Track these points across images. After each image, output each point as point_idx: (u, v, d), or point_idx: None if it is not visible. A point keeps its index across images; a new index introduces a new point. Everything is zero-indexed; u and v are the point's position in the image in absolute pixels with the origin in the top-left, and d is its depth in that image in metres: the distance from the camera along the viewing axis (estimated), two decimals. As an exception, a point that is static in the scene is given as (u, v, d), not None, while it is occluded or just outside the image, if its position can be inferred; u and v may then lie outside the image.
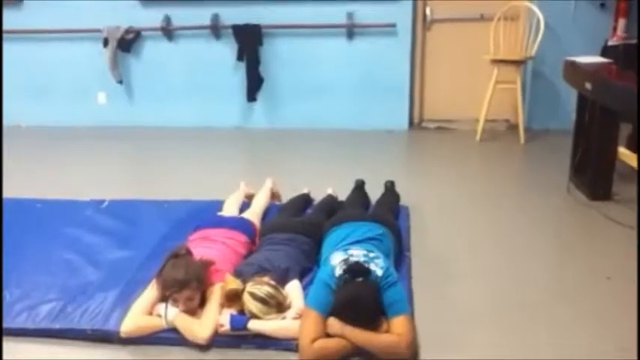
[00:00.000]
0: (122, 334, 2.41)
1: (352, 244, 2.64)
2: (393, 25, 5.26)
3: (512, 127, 5.33)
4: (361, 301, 2.29)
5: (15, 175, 4.38)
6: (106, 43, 5.49)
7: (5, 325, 2.48)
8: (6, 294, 2.71)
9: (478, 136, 5.10)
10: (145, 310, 2.48)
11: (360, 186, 3.66)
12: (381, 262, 2.49)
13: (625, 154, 3.73)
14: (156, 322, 2.44)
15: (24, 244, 3.19)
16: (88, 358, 2.38)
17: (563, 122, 4.91)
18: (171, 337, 2.41)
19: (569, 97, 4.38)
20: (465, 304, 2.69)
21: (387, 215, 3.12)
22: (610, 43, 4.87)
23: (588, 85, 3.62)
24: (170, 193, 3.91)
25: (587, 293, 2.75)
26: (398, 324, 2.28)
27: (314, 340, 2.26)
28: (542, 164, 4.57)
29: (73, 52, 5.70)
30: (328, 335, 2.29)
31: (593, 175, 3.75)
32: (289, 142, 5.28)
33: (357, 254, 2.52)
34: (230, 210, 3.43)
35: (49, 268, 2.96)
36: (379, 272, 2.41)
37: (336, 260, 2.50)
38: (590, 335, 2.44)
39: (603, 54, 4.67)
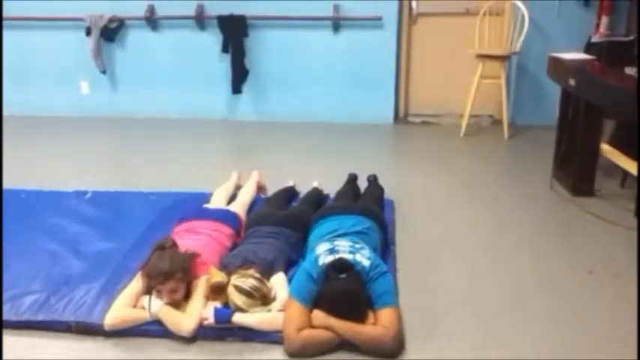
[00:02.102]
0: (106, 327, 2.39)
1: (339, 236, 2.65)
2: (379, 19, 5.26)
3: (497, 123, 5.37)
4: (346, 298, 2.30)
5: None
6: (88, 31, 5.42)
7: (-13, 316, 2.46)
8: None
9: (462, 131, 5.13)
10: (129, 302, 2.46)
11: (352, 179, 3.67)
12: (367, 252, 2.50)
13: (608, 151, 3.78)
14: (140, 315, 2.42)
15: (8, 234, 3.14)
16: (72, 350, 2.36)
17: (547, 118, 4.95)
18: (155, 329, 2.40)
19: (554, 92, 4.41)
20: (450, 296, 2.71)
21: (374, 209, 3.13)
22: (593, 39, 4.92)
23: (572, 81, 3.66)
24: (155, 184, 3.88)
25: (568, 287, 2.79)
26: (385, 316, 2.30)
27: (299, 329, 2.27)
28: (525, 159, 4.61)
29: (55, 40, 5.62)
30: (313, 327, 2.30)
31: (576, 170, 3.79)
32: (275, 134, 5.26)
33: (344, 245, 2.53)
34: (218, 201, 3.41)
35: (32, 258, 2.93)
36: (366, 263, 2.42)
37: (321, 250, 2.51)
38: (571, 328, 2.47)
39: (586, 50, 4.72)
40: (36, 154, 4.76)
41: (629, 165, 3.56)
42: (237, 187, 3.67)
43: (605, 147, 3.80)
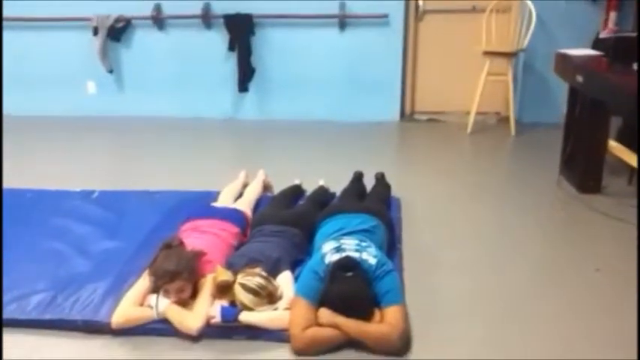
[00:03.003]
0: (113, 325, 2.40)
1: (345, 235, 2.65)
2: (385, 16, 5.25)
3: (503, 120, 5.35)
4: (353, 298, 2.30)
5: (4, 165, 4.33)
6: (95, 31, 5.44)
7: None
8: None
9: (469, 129, 5.11)
10: (136, 301, 2.47)
11: (358, 177, 3.66)
12: (373, 250, 2.50)
13: (615, 148, 3.76)
14: (147, 313, 2.43)
15: (14, 234, 3.17)
16: (79, 348, 2.37)
17: (554, 115, 4.92)
18: (162, 328, 2.40)
19: (560, 90, 4.39)
20: (456, 295, 2.70)
21: (380, 207, 3.12)
22: (601, 35, 4.89)
23: (579, 78, 3.64)
24: (161, 184, 3.89)
25: (576, 285, 2.78)
26: (391, 314, 2.30)
27: (305, 328, 2.27)
28: (532, 157, 4.59)
29: (62, 40, 5.64)
30: (319, 325, 2.30)
31: (583, 168, 3.77)
32: (280, 133, 5.26)
33: (350, 243, 2.53)
34: (225, 200, 3.42)
35: (39, 258, 2.95)
36: (372, 261, 2.42)
37: (327, 248, 2.51)
38: (580, 326, 2.46)
39: (594, 47, 4.68)
40: (42, 154, 4.78)
41: (636, 162, 3.54)
42: (245, 186, 3.67)
43: (612, 144, 3.77)
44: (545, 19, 5.03)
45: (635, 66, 3.47)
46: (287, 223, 2.95)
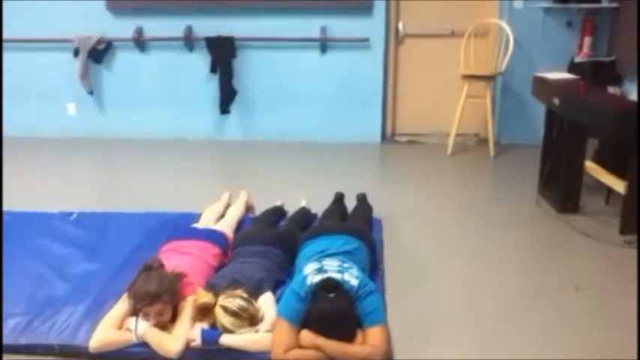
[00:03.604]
0: (91, 350, 2.36)
1: (327, 256, 2.64)
2: (366, 40, 5.31)
3: (482, 141, 5.41)
4: (336, 318, 2.29)
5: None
6: (76, 53, 5.42)
7: (-32, 340, 2.42)
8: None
9: (449, 150, 5.17)
10: (114, 325, 2.43)
11: (339, 199, 3.67)
12: (355, 271, 2.50)
13: (592, 168, 3.82)
14: (125, 337, 2.39)
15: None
16: (55, 373, 2.33)
17: (532, 136, 5.00)
18: (141, 351, 2.36)
19: (538, 111, 4.46)
20: (438, 313, 2.71)
21: (362, 228, 3.12)
22: (577, 59, 5.01)
23: (556, 101, 3.71)
24: (141, 205, 3.86)
25: (555, 302, 2.80)
26: (373, 335, 2.29)
27: (287, 350, 2.25)
28: (511, 177, 4.65)
29: (42, 61, 5.61)
30: (301, 347, 2.28)
31: (561, 188, 3.82)
32: (263, 154, 5.27)
33: (332, 264, 2.52)
34: (207, 221, 3.40)
35: (16, 281, 2.88)
36: (354, 282, 2.42)
37: (309, 269, 2.50)
38: (558, 343, 2.48)
39: (570, 70, 4.80)
40: (22, 175, 4.71)
41: (613, 182, 3.60)
42: (228, 208, 3.65)
43: (589, 164, 3.84)
44: (522, 43, 5.14)
45: (611, 89, 3.56)
46: (269, 243, 2.94)
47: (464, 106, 5.03)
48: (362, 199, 3.72)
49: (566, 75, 4.20)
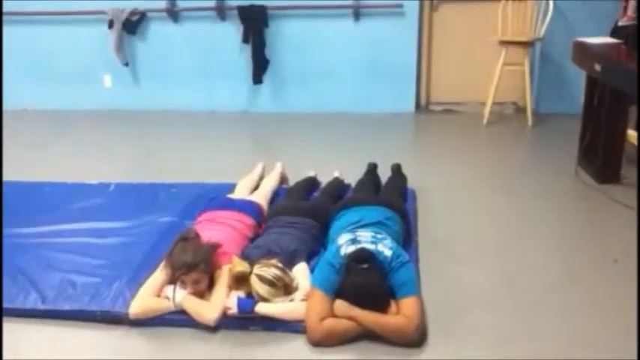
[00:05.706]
0: (131, 316, 2.43)
1: (361, 227, 2.64)
2: (400, 6, 5.21)
3: (520, 110, 5.30)
4: (368, 290, 2.29)
5: (22, 158, 4.39)
6: (111, 24, 5.47)
7: (16, 306, 2.51)
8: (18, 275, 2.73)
9: (485, 119, 5.07)
10: (153, 293, 2.49)
11: (372, 169, 3.65)
12: (389, 242, 2.50)
13: (634, 137, 3.71)
14: (164, 305, 2.45)
15: (34, 225, 3.20)
16: (98, 338, 2.40)
17: (572, 105, 4.86)
18: (179, 318, 2.42)
19: (578, 79, 4.33)
20: (472, 287, 2.69)
21: (396, 199, 3.11)
22: (620, 23, 4.81)
23: (598, 67, 3.58)
24: (177, 176, 3.91)
25: (594, 276, 2.75)
26: (407, 306, 2.29)
27: (322, 319, 2.28)
28: (549, 147, 4.54)
29: (78, 34, 5.67)
30: (335, 317, 2.30)
31: (601, 158, 3.73)
32: (295, 126, 5.26)
33: (365, 235, 2.52)
34: (242, 192, 3.42)
35: (57, 250, 2.97)
36: (387, 253, 2.42)
37: (342, 240, 2.51)
38: (597, 318, 2.44)
39: (613, 34, 4.61)
40: (59, 148, 4.82)
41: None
42: (262, 179, 3.67)
43: (631, 133, 3.72)
44: (562, 7, 4.96)
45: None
46: (303, 214, 2.96)
47: (501, 73, 4.91)
48: (396, 169, 3.69)
49: (608, 40, 4.05)
